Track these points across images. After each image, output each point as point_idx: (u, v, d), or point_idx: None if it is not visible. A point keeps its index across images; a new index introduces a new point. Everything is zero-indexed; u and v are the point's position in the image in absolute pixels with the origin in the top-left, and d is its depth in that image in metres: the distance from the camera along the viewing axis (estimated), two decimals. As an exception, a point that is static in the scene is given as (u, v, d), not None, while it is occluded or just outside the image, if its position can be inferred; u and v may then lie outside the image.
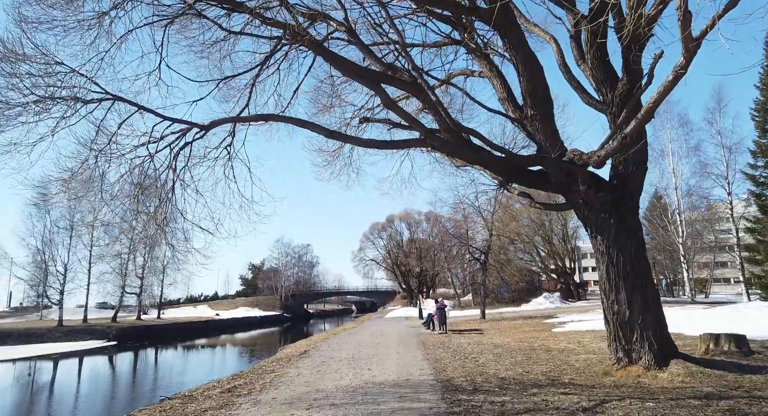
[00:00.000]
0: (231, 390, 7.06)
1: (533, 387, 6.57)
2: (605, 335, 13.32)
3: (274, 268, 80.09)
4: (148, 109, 6.16)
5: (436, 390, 6.70)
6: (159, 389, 16.94)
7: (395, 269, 60.31)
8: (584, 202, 7.28)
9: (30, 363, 25.77)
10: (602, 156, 6.03)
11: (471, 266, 41.78)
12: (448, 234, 35.88)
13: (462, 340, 14.15)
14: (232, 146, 7.41)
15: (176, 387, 16.53)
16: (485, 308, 25.74)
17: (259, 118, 6.93)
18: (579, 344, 11.77)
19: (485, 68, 8.54)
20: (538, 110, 6.85)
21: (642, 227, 7.62)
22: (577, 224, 52.50)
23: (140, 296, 49.40)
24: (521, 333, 16.24)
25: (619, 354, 7.26)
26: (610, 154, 6.03)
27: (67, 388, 18.36)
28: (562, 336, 13.92)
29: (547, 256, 47.53)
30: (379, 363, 9.48)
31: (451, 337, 15.60)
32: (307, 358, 10.86)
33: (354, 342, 14.60)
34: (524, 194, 9.37)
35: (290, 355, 11.65)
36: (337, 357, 10.71)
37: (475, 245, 27.31)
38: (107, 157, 6.23)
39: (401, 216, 61.29)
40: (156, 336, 42.17)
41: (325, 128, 7.14)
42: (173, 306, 71.63)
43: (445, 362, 9.43)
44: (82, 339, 38.32)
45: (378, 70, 7.37)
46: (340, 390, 6.86)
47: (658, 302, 7.25)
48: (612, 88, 7.11)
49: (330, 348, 12.82)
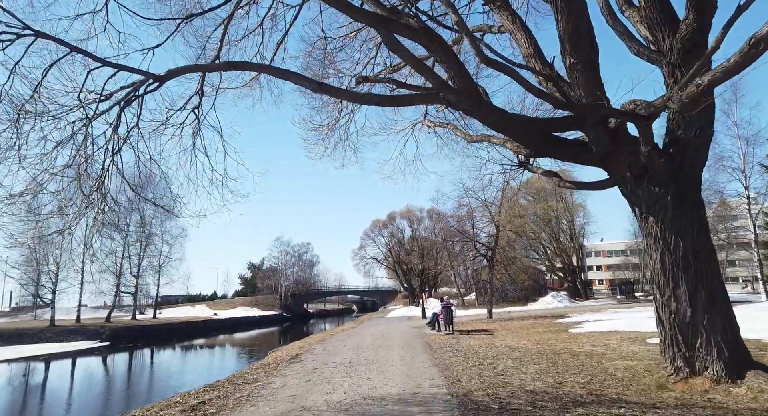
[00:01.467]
0: (196, 408, 5.66)
1: (576, 406, 5.17)
2: (634, 338, 11.99)
3: (273, 267, 78.73)
4: (82, 50, 4.74)
5: (452, 408, 5.32)
6: (139, 394, 15.63)
7: (396, 268, 58.89)
8: (634, 175, 5.88)
9: (12, 365, 24.45)
10: (678, 104, 4.58)
11: (476, 263, 40.40)
12: (451, 231, 34.49)
13: (472, 342, 12.75)
14: (200, 109, 6.04)
15: (160, 393, 15.22)
16: (492, 308, 24.33)
17: (229, 66, 5.49)
18: (606, 347, 10.38)
19: (506, 20, 7.12)
20: (580, 57, 5.43)
21: (705, 206, 6.19)
22: (584, 221, 51.15)
23: (135, 296, 48.10)
24: (536, 334, 14.84)
25: (678, 363, 5.85)
26: (688, 105, 4.56)
27: (43, 393, 17.05)
28: (584, 338, 12.52)
29: (554, 254, 46.06)
30: (380, 371, 8.10)
31: (458, 338, 14.20)
32: (298, 364, 9.48)
33: (352, 344, 13.21)
34: (550, 173, 7.97)
35: (279, 360, 10.27)
36: (332, 363, 9.32)
37: (481, 241, 25.88)
38: (32, 118, 4.86)
39: (403, 213, 59.92)
40: (150, 336, 40.91)
41: (314, 79, 5.74)
42: (171, 306, 70.39)
43: (457, 369, 8.04)
44: (74, 340, 37.11)
45: (381, 14, 5.96)
46: (331, 409, 5.47)
47: (727, 298, 5.84)
48: (671, 31, 5.70)
49: (325, 352, 11.43)
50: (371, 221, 63.15)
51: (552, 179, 7.68)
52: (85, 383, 19.43)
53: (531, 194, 45.97)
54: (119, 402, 14.57)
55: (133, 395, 15.76)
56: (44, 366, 24.71)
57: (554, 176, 7.85)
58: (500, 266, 24.63)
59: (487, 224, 26.26)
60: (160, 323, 46.33)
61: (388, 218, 60.81)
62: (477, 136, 8.27)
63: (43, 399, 16.04)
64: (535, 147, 6.60)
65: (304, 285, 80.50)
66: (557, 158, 6.72)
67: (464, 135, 8.65)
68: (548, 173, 8.11)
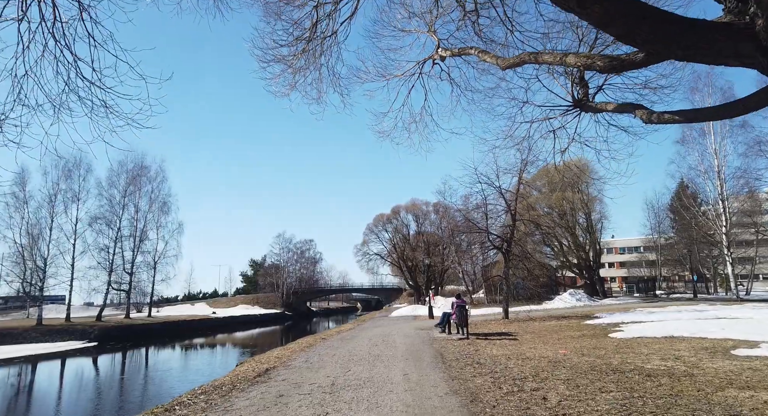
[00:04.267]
0: None
1: None
2: (709, 347, 9.18)
3: (275, 264, 76.40)
4: None
5: None
6: (108, 404, 13.20)
7: (401, 265, 56.20)
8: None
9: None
10: None
11: (487, 258, 37.57)
12: (459, 226, 31.74)
13: (495, 350, 10.07)
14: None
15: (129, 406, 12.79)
16: (508, 306, 21.60)
17: None
18: (683, 362, 7.64)
19: None
20: None
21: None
22: (600, 215, 47.74)
23: (129, 293, 45.87)
24: (570, 339, 12.13)
25: None
26: None
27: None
28: (641, 347, 9.76)
29: (569, 249, 43.12)
30: (372, 404, 5.44)
31: (476, 345, 11.51)
32: (263, 385, 6.85)
33: (344, 352, 10.55)
34: (628, 107, 5.28)
35: (241, 377, 7.63)
36: (307, 385, 6.68)
37: (494, 233, 23.10)
38: None
39: (408, 207, 57.18)
40: (142, 336, 38.78)
41: None
42: (171, 304, 68.40)
43: (488, 400, 5.38)
44: (60, 340, 35.20)
45: None
46: None
47: None
48: None
49: (306, 364, 8.78)
50: (375, 216, 60.36)
51: (635, 112, 4.97)
52: (50, 389, 17.14)
53: (544, 185, 43.08)
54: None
55: (97, 407, 13.34)
56: (18, 369, 22.49)
57: (637, 109, 5.14)
58: (517, 260, 21.92)
59: (500, 214, 23.47)
60: (153, 322, 44.12)
61: (392, 213, 58.09)
62: (517, 57, 5.54)
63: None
64: (645, 35, 3.81)
65: (306, 283, 78.14)
66: (703, 59, 3.90)
67: (496, 60, 5.93)
68: (625, 106, 5.40)
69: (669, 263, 55.99)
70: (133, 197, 45.63)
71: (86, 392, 16.25)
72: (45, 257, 39.45)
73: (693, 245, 44.14)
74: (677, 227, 48.87)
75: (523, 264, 22.27)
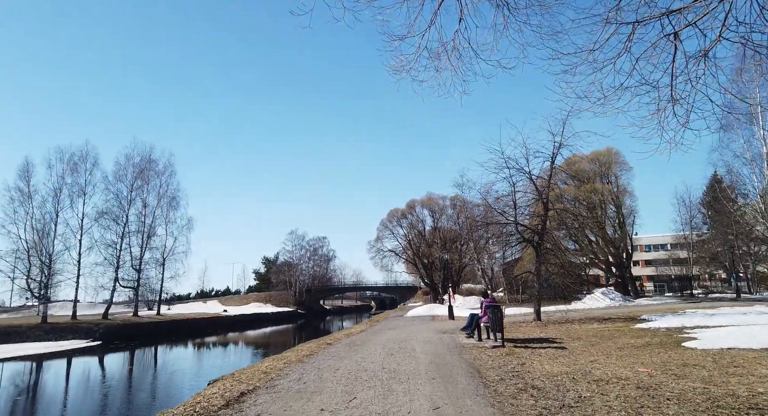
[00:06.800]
0: None
1: None
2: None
3: (287, 262, 74.77)
4: None
5: None
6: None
7: (417, 262, 53.76)
8: None
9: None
10: None
11: (510, 253, 34.93)
12: (481, 216, 29.14)
13: (547, 366, 7.68)
14: None
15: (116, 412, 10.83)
16: (540, 307, 19.07)
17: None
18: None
19: None
20: None
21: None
22: (631, 207, 44.20)
23: (137, 290, 44.52)
24: (633, 349, 9.63)
25: None
26: None
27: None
28: (748, 364, 7.23)
29: (599, 245, 40.04)
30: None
31: (518, 356, 9.11)
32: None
33: (350, 366, 8.28)
34: None
35: (200, 411, 5.42)
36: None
37: (524, 224, 20.53)
38: None
39: (423, 201, 54.61)
40: (149, 334, 37.43)
41: None
42: (183, 302, 67.43)
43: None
44: (64, 338, 34.14)
45: None
46: None
47: None
48: None
49: (298, 385, 6.54)
50: (389, 210, 57.88)
51: None
52: (42, 393, 15.46)
53: (571, 177, 40.10)
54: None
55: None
56: (12, 369, 21.04)
57: None
58: (550, 254, 19.37)
59: (530, 202, 20.85)
60: (161, 320, 42.73)
61: (407, 207, 55.61)
62: None
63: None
64: None
65: (319, 281, 76.31)
66: None
67: None
68: None
69: (701, 261, 52.27)
70: (140, 191, 44.28)
71: (72, 396, 14.47)
72: (50, 254, 38.25)
73: (734, 242, 40.59)
74: (712, 223, 45.28)
75: (557, 258, 19.68)
